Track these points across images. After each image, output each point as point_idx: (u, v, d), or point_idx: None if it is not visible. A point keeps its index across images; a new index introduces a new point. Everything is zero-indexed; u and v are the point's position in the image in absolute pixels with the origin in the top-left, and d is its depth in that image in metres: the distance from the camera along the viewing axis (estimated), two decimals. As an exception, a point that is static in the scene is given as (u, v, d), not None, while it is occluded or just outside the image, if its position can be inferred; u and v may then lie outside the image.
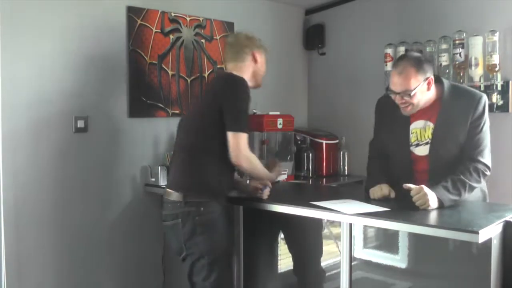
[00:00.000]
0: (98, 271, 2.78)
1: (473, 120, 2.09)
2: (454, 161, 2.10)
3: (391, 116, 2.24)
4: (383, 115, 2.34)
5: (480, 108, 2.09)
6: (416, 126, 2.20)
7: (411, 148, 2.21)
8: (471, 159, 2.06)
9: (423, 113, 2.17)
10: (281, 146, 3.35)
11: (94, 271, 2.76)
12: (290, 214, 2.16)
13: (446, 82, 2.19)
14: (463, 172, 2.02)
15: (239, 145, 2.10)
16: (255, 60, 2.34)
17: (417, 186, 1.98)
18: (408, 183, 2.03)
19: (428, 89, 2.11)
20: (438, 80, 2.18)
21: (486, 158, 2.09)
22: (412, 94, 2.06)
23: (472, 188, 2.03)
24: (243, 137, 2.12)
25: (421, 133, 2.19)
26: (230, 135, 2.09)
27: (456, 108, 2.11)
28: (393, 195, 2.15)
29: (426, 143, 2.17)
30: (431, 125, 2.16)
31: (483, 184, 2.17)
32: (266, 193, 2.27)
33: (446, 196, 1.96)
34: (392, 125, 2.26)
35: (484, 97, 2.13)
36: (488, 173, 2.08)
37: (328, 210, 2.03)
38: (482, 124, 2.10)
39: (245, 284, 2.46)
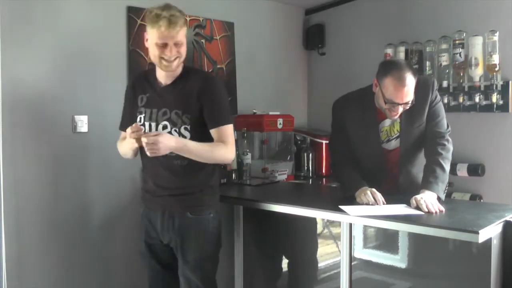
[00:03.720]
0: (97, 270, 2.78)
1: (431, 101, 2.26)
2: (420, 142, 2.30)
3: (360, 118, 2.33)
4: (350, 117, 2.37)
5: (435, 90, 2.28)
6: (385, 124, 2.32)
7: (383, 145, 2.33)
8: (432, 131, 2.25)
9: None
10: (281, 146, 3.36)
11: (94, 270, 2.76)
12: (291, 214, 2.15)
13: None
14: (435, 157, 2.17)
15: None
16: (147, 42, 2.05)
17: (414, 198, 2.03)
18: (380, 174, 2.28)
19: None
20: None
21: (444, 125, 2.28)
22: (412, 102, 2.16)
23: (448, 165, 2.19)
24: None
25: (390, 130, 2.32)
26: None
27: (416, 99, 2.19)
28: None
29: (397, 137, 2.31)
30: (398, 119, 2.28)
31: None
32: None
33: (438, 191, 2.08)
34: (361, 127, 2.33)
35: (434, 80, 2.34)
36: (447, 137, 2.25)
37: (331, 210, 2.03)
38: (436, 100, 2.28)
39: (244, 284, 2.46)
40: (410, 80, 2.11)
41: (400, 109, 2.16)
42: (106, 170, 2.80)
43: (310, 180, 3.45)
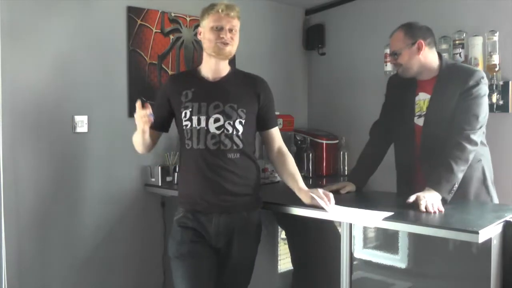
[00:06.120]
0: (98, 270, 2.78)
1: (463, 91, 2.14)
2: (444, 135, 2.15)
3: (400, 89, 2.37)
4: (393, 89, 2.46)
5: (473, 81, 2.14)
6: (420, 98, 2.30)
7: (415, 119, 2.30)
8: (457, 127, 2.12)
9: (426, 85, 2.26)
10: (281, 146, 3.34)
11: (94, 270, 2.77)
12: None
13: (445, 58, 2.32)
14: (447, 157, 2.08)
15: None
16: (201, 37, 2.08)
17: (416, 195, 2.00)
18: (411, 157, 2.27)
19: (418, 53, 2.21)
20: (439, 56, 2.30)
21: (473, 124, 2.12)
22: (398, 54, 2.23)
23: (461, 165, 2.08)
24: None
25: (423, 104, 2.28)
26: None
27: (451, 81, 2.18)
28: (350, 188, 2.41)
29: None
30: (428, 96, 2.26)
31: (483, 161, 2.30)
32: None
33: (441, 190, 2.03)
34: (400, 97, 2.37)
35: (480, 73, 2.18)
36: (470, 135, 2.10)
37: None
38: (472, 94, 2.13)
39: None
40: (395, 33, 2.26)
41: (391, 61, 2.35)
42: (106, 170, 2.81)
43: (310, 180, 3.45)
